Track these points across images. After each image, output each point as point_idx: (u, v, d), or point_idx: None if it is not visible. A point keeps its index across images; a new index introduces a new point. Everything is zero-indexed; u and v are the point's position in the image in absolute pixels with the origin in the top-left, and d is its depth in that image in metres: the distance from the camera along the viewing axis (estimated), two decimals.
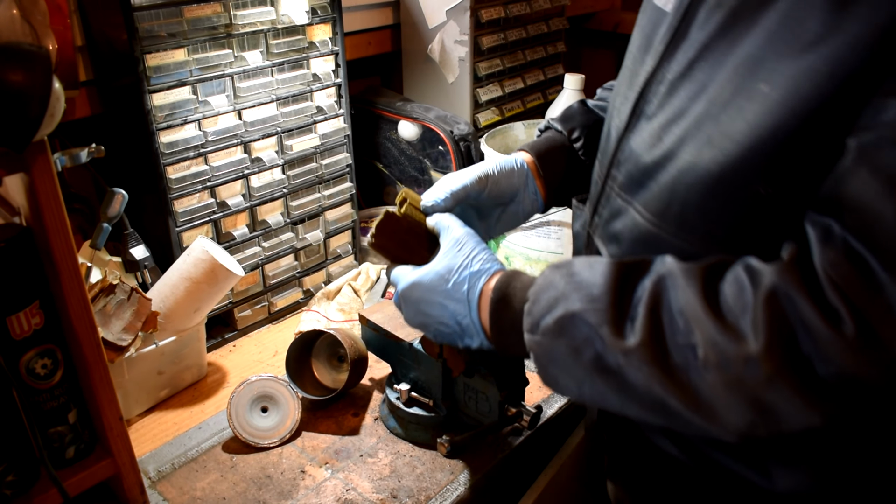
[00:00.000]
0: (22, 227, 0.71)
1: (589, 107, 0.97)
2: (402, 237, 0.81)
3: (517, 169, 0.89)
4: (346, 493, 0.91)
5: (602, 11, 2.16)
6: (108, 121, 1.19)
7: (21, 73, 0.59)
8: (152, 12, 1.04)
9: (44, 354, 0.73)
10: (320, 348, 1.10)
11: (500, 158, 0.90)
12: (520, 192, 0.90)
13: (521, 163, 0.90)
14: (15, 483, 0.73)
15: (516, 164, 0.89)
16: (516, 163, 0.90)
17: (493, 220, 0.92)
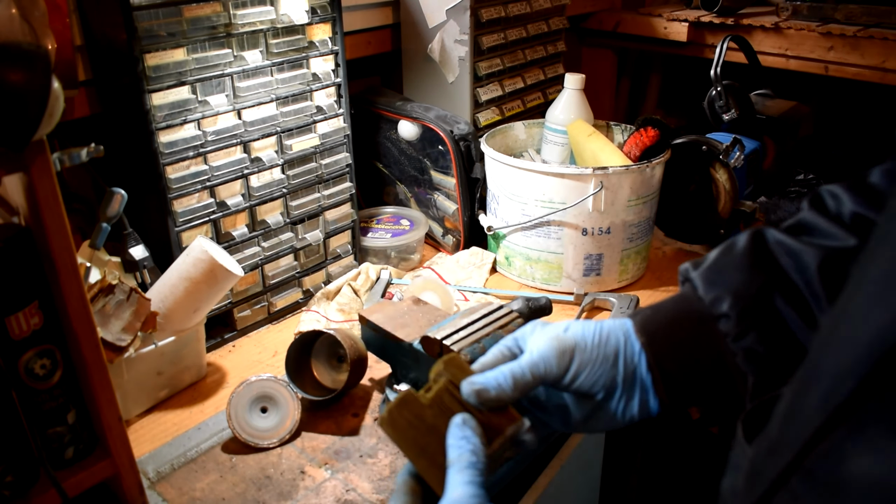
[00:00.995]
0: (21, 226, 0.71)
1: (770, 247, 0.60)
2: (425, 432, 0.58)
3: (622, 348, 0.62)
4: (345, 494, 0.91)
5: (602, 11, 2.16)
6: (107, 120, 1.19)
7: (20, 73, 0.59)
8: (151, 12, 1.04)
9: (43, 355, 0.72)
10: (320, 348, 1.09)
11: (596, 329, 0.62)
12: (620, 386, 0.62)
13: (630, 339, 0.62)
14: (14, 484, 0.73)
15: (621, 343, 0.62)
16: (621, 339, 0.62)
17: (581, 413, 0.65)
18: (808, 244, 0.58)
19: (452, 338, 0.91)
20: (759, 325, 0.57)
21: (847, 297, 0.44)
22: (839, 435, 0.40)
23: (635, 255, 1.38)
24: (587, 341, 0.61)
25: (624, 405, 0.62)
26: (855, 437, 0.39)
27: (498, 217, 1.41)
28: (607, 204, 1.30)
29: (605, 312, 1.31)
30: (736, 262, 0.60)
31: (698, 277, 0.61)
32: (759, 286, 0.58)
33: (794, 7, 1.81)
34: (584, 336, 0.61)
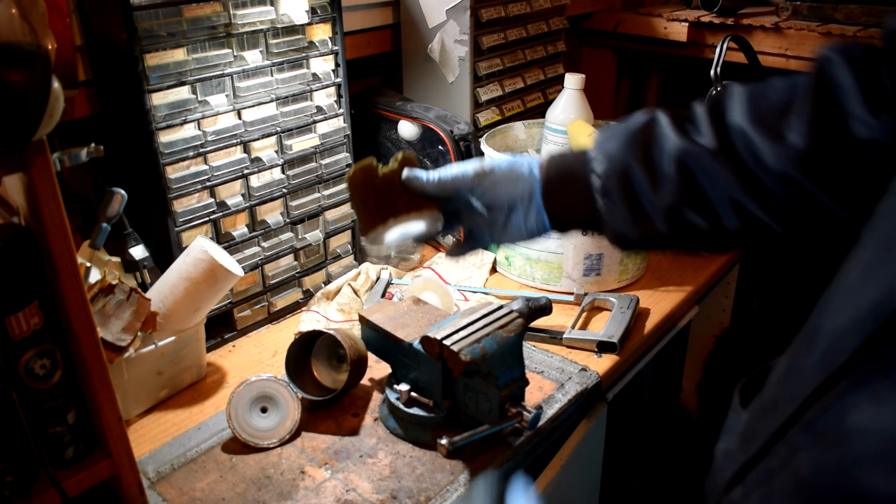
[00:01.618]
0: (21, 227, 0.71)
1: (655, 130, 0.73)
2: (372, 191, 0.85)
3: (524, 177, 0.79)
4: (345, 494, 0.91)
5: (602, 11, 2.16)
6: (107, 120, 1.19)
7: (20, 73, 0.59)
8: (151, 12, 1.04)
9: (43, 355, 0.72)
10: (320, 348, 1.09)
11: (509, 160, 0.80)
12: (519, 205, 0.80)
13: (531, 171, 0.79)
14: (14, 484, 0.73)
15: (524, 172, 0.79)
16: (524, 169, 0.79)
17: (499, 225, 0.83)
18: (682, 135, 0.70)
19: (452, 338, 0.91)
20: (617, 186, 0.73)
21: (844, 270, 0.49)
22: (840, 390, 0.43)
23: (635, 255, 1.38)
24: (501, 167, 0.80)
25: (524, 219, 0.80)
26: (857, 391, 0.42)
27: None
28: None
29: (605, 313, 1.31)
30: (621, 133, 0.74)
31: (597, 136, 0.77)
32: (624, 160, 0.72)
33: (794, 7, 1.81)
34: (501, 162, 0.80)
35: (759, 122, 0.65)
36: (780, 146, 0.64)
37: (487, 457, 0.97)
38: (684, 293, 1.38)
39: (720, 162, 0.67)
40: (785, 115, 0.64)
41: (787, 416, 0.48)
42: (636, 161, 0.71)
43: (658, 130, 0.72)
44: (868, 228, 0.49)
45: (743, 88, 0.69)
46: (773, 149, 0.64)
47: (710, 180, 0.68)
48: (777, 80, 0.67)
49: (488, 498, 0.70)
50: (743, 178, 0.66)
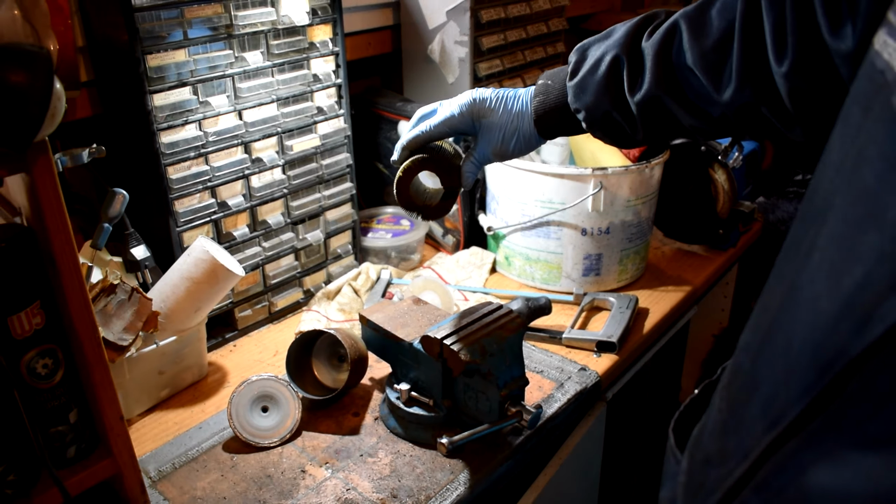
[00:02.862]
0: (23, 227, 0.71)
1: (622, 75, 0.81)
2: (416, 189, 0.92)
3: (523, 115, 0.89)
4: (346, 493, 0.91)
5: (602, 12, 2.16)
6: (108, 121, 1.19)
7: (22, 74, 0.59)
8: (153, 13, 1.04)
9: (45, 354, 0.73)
10: (320, 348, 1.10)
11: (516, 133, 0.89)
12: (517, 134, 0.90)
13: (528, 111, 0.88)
14: (16, 483, 0.73)
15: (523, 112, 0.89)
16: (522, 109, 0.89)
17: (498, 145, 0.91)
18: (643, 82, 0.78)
19: (452, 338, 0.92)
20: (602, 127, 0.84)
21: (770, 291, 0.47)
22: (793, 447, 0.41)
23: (634, 255, 1.38)
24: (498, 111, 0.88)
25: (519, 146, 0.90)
26: (812, 449, 0.40)
27: (498, 217, 1.41)
28: (606, 204, 1.30)
29: (605, 312, 1.32)
30: (594, 86, 0.81)
31: (570, 88, 0.84)
32: (602, 110, 0.82)
33: None
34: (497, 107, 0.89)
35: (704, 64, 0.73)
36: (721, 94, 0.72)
37: (487, 456, 0.97)
38: (683, 293, 1.38)
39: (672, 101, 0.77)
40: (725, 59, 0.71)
41: (740, 475, 0.45)
42: (612, 109, 0.81)
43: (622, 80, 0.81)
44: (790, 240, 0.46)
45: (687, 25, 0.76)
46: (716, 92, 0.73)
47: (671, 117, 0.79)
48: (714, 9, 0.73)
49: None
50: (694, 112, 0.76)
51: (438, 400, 0.98)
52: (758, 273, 1.79)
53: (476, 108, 0.89)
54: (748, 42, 0.68)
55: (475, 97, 0.89)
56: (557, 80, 0.86)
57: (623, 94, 0.80)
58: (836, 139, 0.43)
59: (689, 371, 1.81)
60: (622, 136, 0.85)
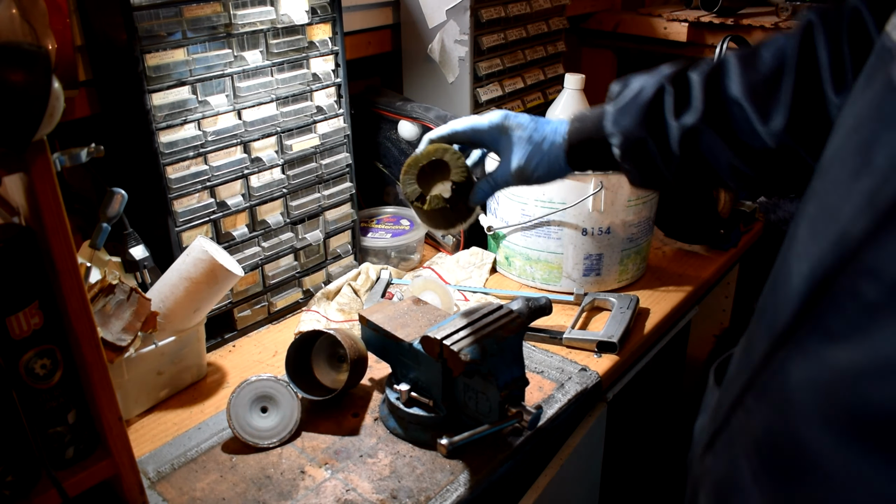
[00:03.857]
0: (21, 227, 0.71)
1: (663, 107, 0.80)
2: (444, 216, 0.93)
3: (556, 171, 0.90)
4: (345, 494, 0.91)
5: (602, 11, 2.16)
6: (107, 120, 1.19)
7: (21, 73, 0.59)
8: (152, 12, 1.04)
9: (43, 355, 0.73)
10: (320, 348, 1.09)
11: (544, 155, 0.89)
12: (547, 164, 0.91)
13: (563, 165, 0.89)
14: (14, 484, 0.73)
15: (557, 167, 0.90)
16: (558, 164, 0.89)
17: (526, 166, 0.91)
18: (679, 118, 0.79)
19: (452, 338, 0.91)
20: (634, 157, 0.83)
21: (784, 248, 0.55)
22: (783, 354, 0.49)
23: (635, 255, 1.38)
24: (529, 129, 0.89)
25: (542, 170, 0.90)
26: (795, 352, 0.48)
27: (498, 217, 1.41)
28: (607, 204, 1.30)
29: (605, 313, 1.31)
30: (634, 110, 0.81)
31: (611, 112, 0.84)
32: (639, 136, 0.81)
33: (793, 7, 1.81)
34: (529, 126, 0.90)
35: (753, 95, 0.73)
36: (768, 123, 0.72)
37: (487, 457, 0.97)
38: (684, 293, 1.38)
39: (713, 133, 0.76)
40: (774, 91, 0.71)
41: (742, 384, 0.54)
42: (649, 136, 0.81)
43: (665, 106, 0.80)
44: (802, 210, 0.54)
45: (737, 60, 0.76)
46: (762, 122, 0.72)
47: (710, 151, 0.78)
48: (766, 48, 0.74)
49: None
50: (735, 146, 0.76)
51: (438, 400, 0.98)
52: (759, 273, 1.79)
53: (507, 123, 0.89)
54: (802, 72, 0.69)
55: (508, 114, 0.91)
56: (595, 111, 0.86)
57: (663, 122, 0.79)
58: (846, 108, 0.50)
59: (690, 371, 1.81)
60: (652, 171, 0.83)
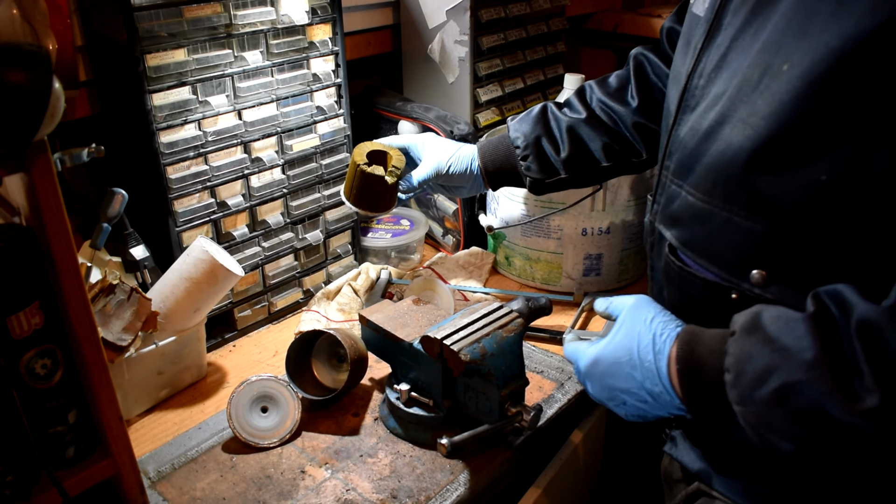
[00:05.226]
0: (22, 227, 0.71)
1: (547, 114, 1.14)
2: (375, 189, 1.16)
3: (469, 173, 1.18)
4: (346, 494, 0.91)
5: (602, 11, 2.16)
6: (107, 121, 1.19)
7: (21, 73, 0.59)
8: (152, 12, 1.04)
9: (43, 354, 0.73)
10: (320, 348, 1.10)
11: (457, 156, 1.17)
12: (467, 186, 1.20)
13: (475, 169, 1.17)
14: (14, 483, 0.73)
15: (469, 169, 1.18)
16: (470, 167, 1.18)
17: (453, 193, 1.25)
18: (564, 115, 1.13)
19: (452, 338, 0.91)
20: (533, 154, 1.13)
21: None
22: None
23: (635, 255, 1.38)
24: (454, 170, 1.17)
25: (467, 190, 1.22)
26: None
27: (498, 217, 1.41)
28: (607, 204, 1.30)
29: None
30: (530, 119, 1.14)
31: (511, 124, 1.16)
32: (535, 135, 1.13)
33: None
34: (451, 166, 1.17)
35: (611, 96, 1.12)
36: (627, 107, 1.10)
37: (487, 456, 0.97)
38: None
39: (591, 125, 1.11)
40: (625, 89, 1.12)
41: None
42: (543, 133, 1.12)
43: (551, 112, 1.14)
44: None
45: (594, 81, 1.16)
46: (623, 109, 1.10)
47: (588, 137, 1.11)
48: (613, 75, 1.15)
49: None
50: (607, 132, 1.10)
51: (438, 400, 0.98)
52: None
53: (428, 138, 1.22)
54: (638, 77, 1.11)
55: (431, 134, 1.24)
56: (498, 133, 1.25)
57: (551, 122, 1.13)
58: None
59: None
60: (547, 164, 1.12)
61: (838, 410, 0.57)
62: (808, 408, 0.59)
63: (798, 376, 0.59)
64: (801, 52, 0.62)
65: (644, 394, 0.74)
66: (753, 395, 0.62)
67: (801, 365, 0.59)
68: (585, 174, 1.14)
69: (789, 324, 0.61)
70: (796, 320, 0.61)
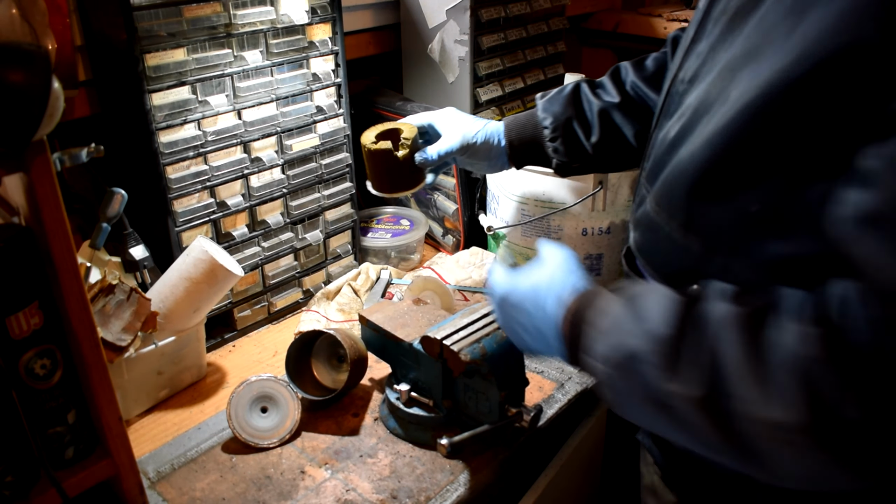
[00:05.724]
0: (21, 227, 0.71)
1: (580, 94, 1.08)
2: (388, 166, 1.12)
3: (494, 147, 1.11)
4: (345, 494, 0.91)
5: (602, 11, 2.16)
6: (107, 120, 1.19)
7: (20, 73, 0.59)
8: (152, 12, 1.04)
9: (43, 355, 0.72)
10: (320, 348, 1.09)
11: (485, 130, 1.11)
12: (489, 162, 1.14)
13: (502, 145, 1.11)
14: (14, 484, 0.73)
15: (494, 142, 1.11)
16: (498, 142, 1.11)
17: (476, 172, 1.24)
18: (597, 96, 1.06)
19: (452, 338, 0.91)
20: (563, 135, 1.07)
21: None
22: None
23: None
24: (478, 141, 1.11)
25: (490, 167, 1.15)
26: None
27: (498, 217, 1.41)
28: (607, 204, 1.30)
29: None
30: (561, 98, 1.08)
31: (540, 103, 1.10)
32: (566, 116, 1.07)
33: None
34: (477, 138, 1.11)
35: (647, 81, 1.03)
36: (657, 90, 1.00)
37: (487, 457, 0.97)
38: None
39: (625, 110, 1.04)
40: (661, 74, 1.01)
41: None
42: (574, 116, 1.06)
43: (584, 93, 1.07)
44: None
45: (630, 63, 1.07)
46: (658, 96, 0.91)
47: (622, 122, 1.04)
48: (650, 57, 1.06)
49: None
50: (641, 118, 1.03)
51: (438, 400, 0.98)
52: None
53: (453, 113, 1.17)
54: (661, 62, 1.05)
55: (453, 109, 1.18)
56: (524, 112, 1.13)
57: (583, 103, 1.07)
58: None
59: None
60: (577, 146, 1.07)
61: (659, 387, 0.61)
62: (642, 378, 0.63)
63: (643, 347, 0.63)
64: (749, 77, 0.60)
65: (539, 335, 0.77)
66: (609, 356, 0.66)
67: (649, 338, 0.62)
68: (616, 159, 1.09)
69: (661, 301, 0.64)
70: (669, 299, 0.64)
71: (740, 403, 0.56)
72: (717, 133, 0.62)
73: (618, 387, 0.66)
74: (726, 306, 0.60)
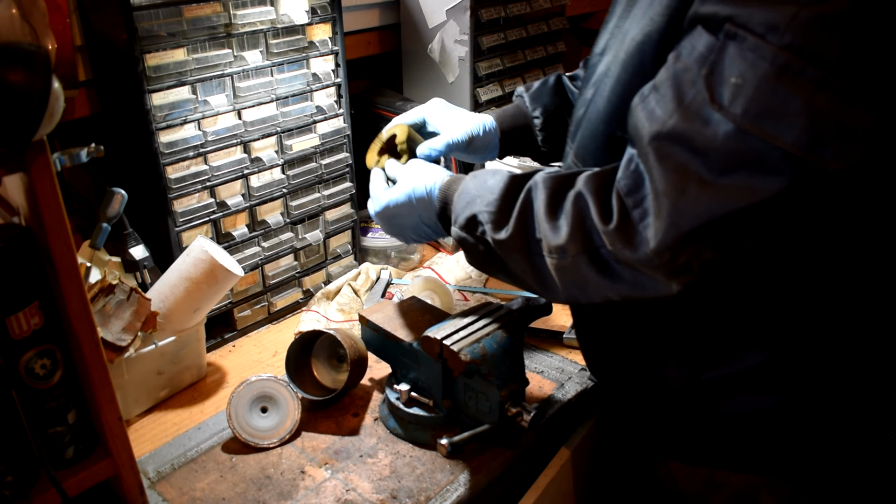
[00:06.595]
0: (21, 227, 0.71)
1: (563, 85, 1.16)
2: None
3: (492, 139, 1.15)
4: (345, 494, 0.91)
5: (602, 11, 2.16)
6: (107, 120, 1.19)
7: (20, 73, 0.59)
8: (152, 12, 1.04)
9: (43, 355, 0.72)
10: (320, 348, 1.09)
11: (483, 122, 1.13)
12: (485, 153, 1.17)
13: (496, 132, 1.15)
14: (14, 483, 0.73)
15: (492, 134, 1.14)
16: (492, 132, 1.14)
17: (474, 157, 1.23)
18: (577, 87, 1.12)
19: (452, 338, 0.91)
20: (553, 125, 1.12)
21: None
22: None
23: None
24: (481, 131, 1.11)
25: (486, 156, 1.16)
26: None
27: None
28: None
29: None
30: (547, 90, 1.14)
31: (527, 96, 1.15)
32: (555, 106, 1.13)
33: None
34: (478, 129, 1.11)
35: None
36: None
37: (487, 457, 0.97)
38: None
39: None
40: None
41: None
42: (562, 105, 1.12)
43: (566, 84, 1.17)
44: None
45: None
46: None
47: None
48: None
49: None
50: None
51: (438, 400, 0.98)
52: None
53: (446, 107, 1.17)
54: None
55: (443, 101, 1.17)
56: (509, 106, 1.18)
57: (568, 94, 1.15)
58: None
59: None
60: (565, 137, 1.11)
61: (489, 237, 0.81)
62: (480, 233, 0.83)
63: (479, 209, 0.82)
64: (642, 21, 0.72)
65: (423, 225, 0.94)
66: (458, 219, 0.85)
67: (485, 201, 0.82)
68: None
69: (496, 176, 0.84)
70: (504, 174, 0.84)
71: (542, 240, 0.76)
72: (612, 89, 0.77)
73: (470, 245, 0.85)
74: (543, 174, 0.79)
